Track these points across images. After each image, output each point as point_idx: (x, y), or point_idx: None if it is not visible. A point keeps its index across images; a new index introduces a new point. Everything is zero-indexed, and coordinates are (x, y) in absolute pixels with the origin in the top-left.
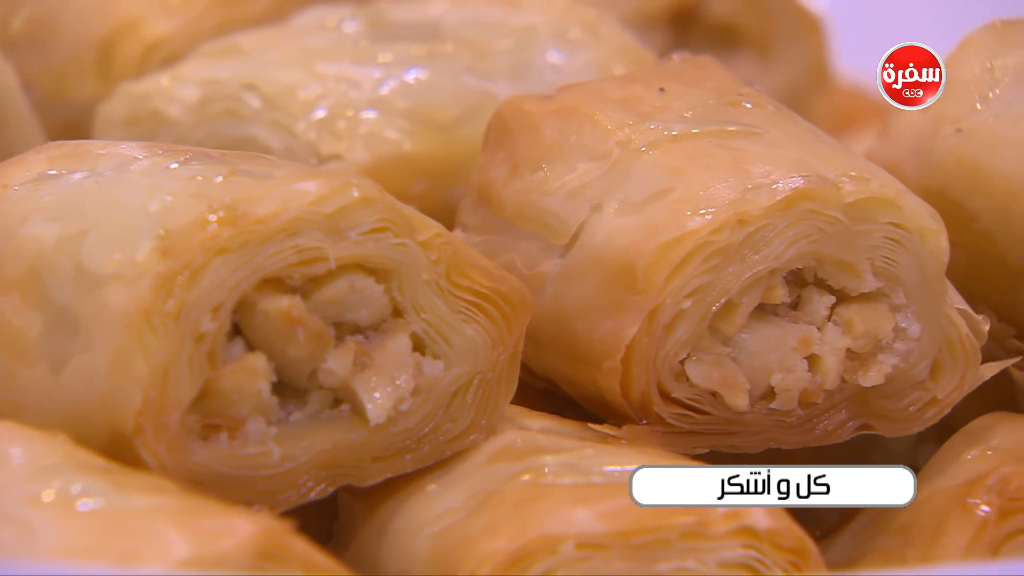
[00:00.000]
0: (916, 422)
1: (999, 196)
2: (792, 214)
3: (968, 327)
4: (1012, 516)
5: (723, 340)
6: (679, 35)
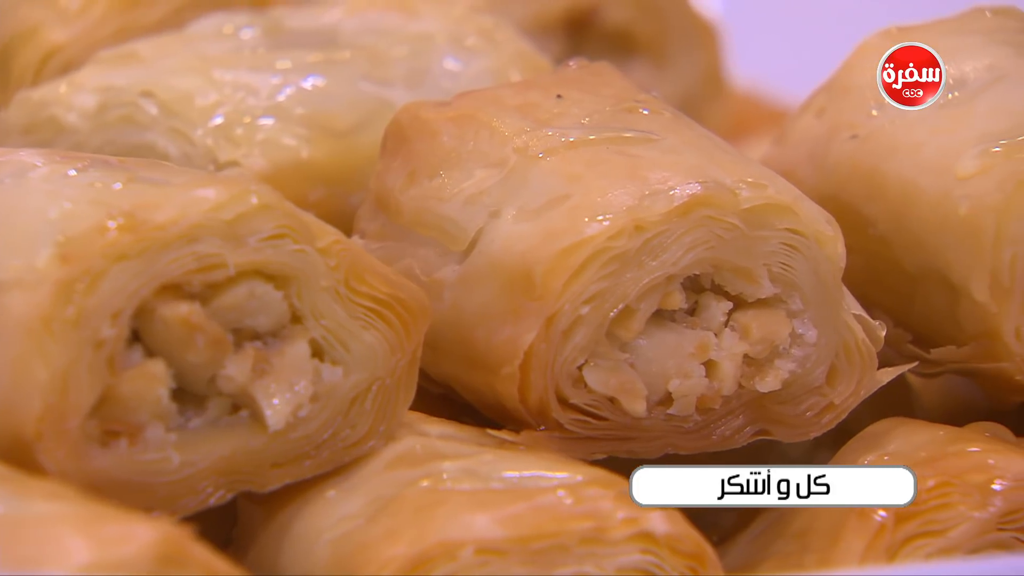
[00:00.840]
0: (813, 427)
1: (895, 201)
2: (689, 220)
3: (865, 332)
4: (909, 521)
5: (621, 346)
6: (575, 42)
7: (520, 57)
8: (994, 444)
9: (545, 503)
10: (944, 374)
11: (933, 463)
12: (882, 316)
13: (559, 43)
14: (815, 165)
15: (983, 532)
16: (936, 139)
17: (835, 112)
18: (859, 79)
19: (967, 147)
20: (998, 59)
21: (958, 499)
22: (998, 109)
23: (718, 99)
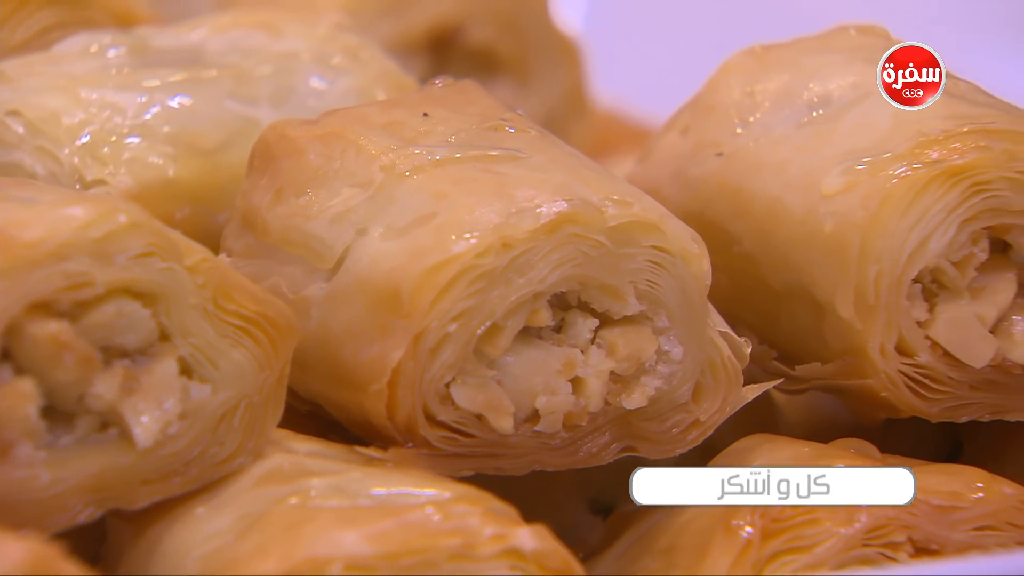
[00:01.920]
0: (679, 444)
1: (760, 219)
2: (556, 238)
3: (730, 349)
4: (775, 538)
5: (488, 363)
6: (439, 61)
7: (385, 76)
8: (859, 460)
9: (413, 520)
10: (809, 391)
11: None
12: (747, 333)
13: (423, 62)
14: (680, 183)
15: (849, 548)
16: (801, 157)
17: (700, 130)
18: (723, 97)
19: (832, 165)
20: (862, 77)
21: (824, 515)
22: (862, 127)
23: (581, 117)
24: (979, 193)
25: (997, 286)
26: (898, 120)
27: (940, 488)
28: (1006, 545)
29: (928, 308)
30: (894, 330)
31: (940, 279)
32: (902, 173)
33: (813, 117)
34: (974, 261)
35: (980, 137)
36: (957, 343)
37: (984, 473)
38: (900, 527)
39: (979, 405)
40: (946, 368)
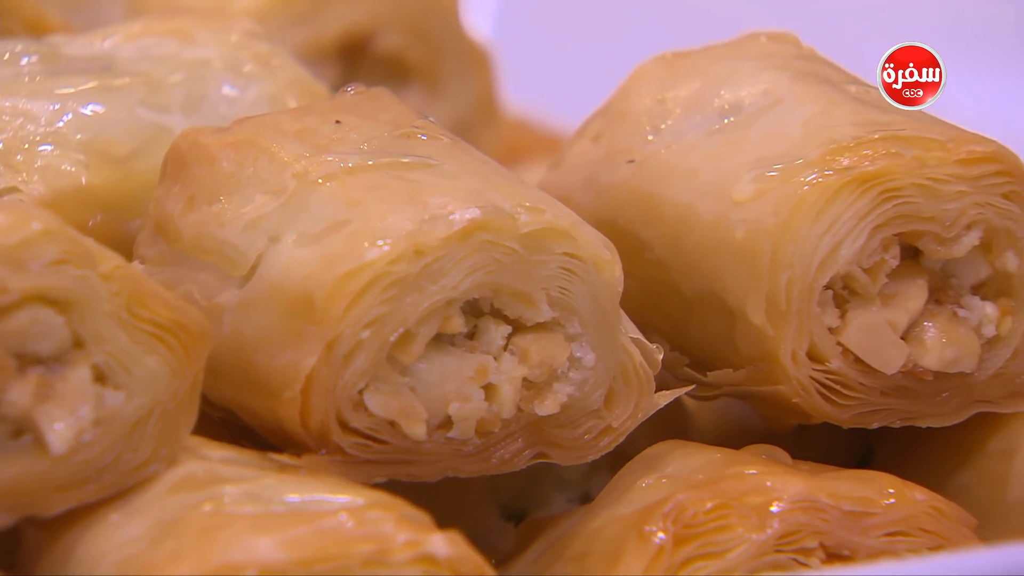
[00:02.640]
0: (591, 450)
1: (671, 225)
2: (469, 245)
3: (642, 356)
4: (688, 543)
5: (401, 370)
6: (349, 68)
7: (297, 83)
8: (771, 466)
9: (327, 526)
10: (720, 397)
11: (711, 485)
12: (659, 339)
13: (334, 69)
14: (592, 190)
15: (761, 554)
16: (712, 164)
17: (611, 137)
18: (635, 105)
19: (743, 171)
20: (773, 84)
21: (736, 521)
22: (773, 134)
23: (492, 125)
24: (890, 200)
25: (908, 292)
26: (809, 127)
27: (852, 494)
28: (917, 551)
29: (839, 314)
30: (805, 336)
31: (851, 285)
32: (813, 180)
33: (724, 124)
34: (885, 267)
35: (891, 144)
36: (868, 349)
37: (895, 479)
38: (812, 533)
39: (890, 411)
40: (857, 374)
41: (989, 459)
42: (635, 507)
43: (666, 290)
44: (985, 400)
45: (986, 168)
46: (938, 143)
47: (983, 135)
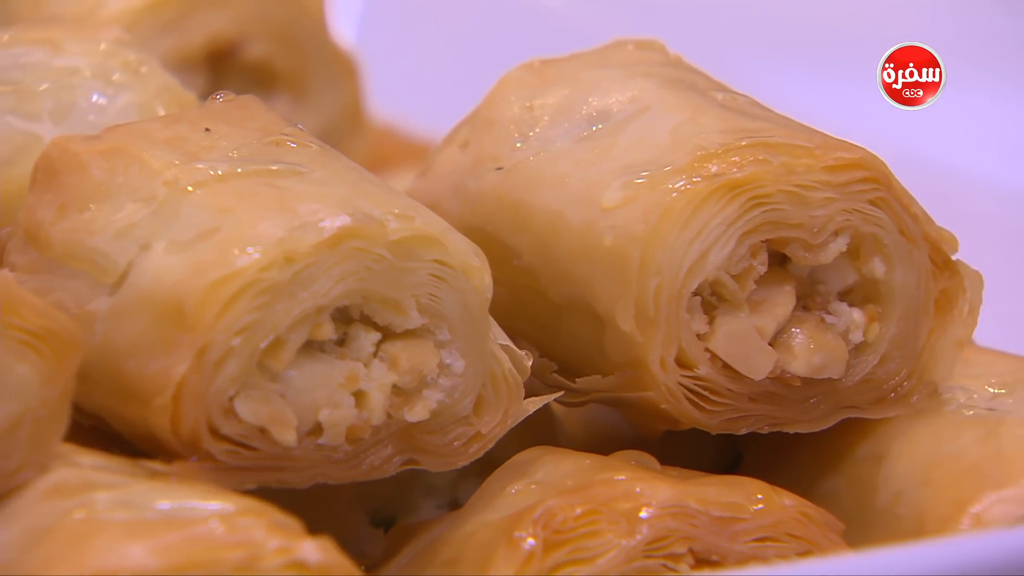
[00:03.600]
0: (460, 456)
1: (540, 233)
2: (339, 252)
3: (511, 362)
4: (557, 549)
5: (271, 377)
6: (217, 76)
7: (165, 91)
8: (640, 472)
9: (198, 533)
10: (589, 403)
11: (580, 491)
12: (528, 346)
13: (202, 78)
14: (460, 197)
15: (630, 559)
16: (581, 171)
17: (479, 145)
18: (502, 112)
19: (611, 178)
20: (641, 91)
21: (605, 527)
22: (641, 141)
23: (358, 132)
24: (758, 206)
25: (776, 299)
26: (677, 134)
27: (721, 500)
28: (786, 556)
29: (708, 321)
30: (674, 343)
31: (720, 292)
32: (682, 187)
33: (592, 131)
34: (753, 274)
35: (759, 151)
36: (736, 355)
37: (764, 485)
38: (681, 538)
39: (758, 417)
40: (725, 380)
41: (857, 464)
42: (505, 513)
43: (535, 297)
44: (853, 406)
45: (853, 175)
46: (806, 150)
47: (850, 142)
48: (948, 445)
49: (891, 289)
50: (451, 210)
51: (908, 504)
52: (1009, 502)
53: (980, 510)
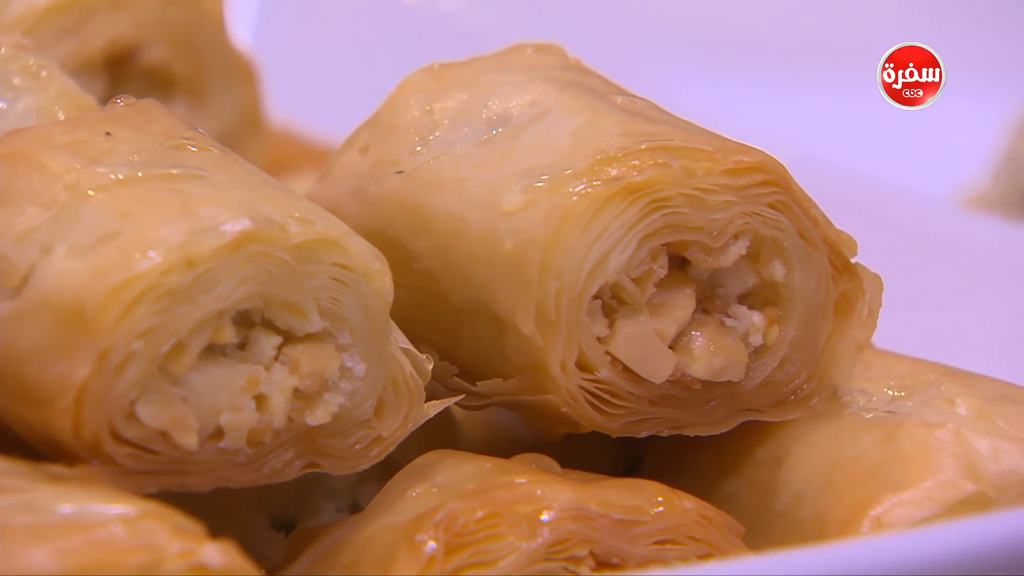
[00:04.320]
0: (361, 460)
1: (441, 236)
2: (240, 256)
3: (412, 366)
4: (459, 552)
5: (173, 380)
6: (116, 81)
7: (65, 95)
8: (541, 475)
9: (101, 536)
10: (489, 406)
11: (481, 495)
12: (429, 350)
13: (101, 82)
14: (361, 201)
15: (532, 562)
16: (481, 174)
17: (379, 148)
18: (403, 116)
19: (512, 182)
20: (540, 95)
21: (507, 530)
22: (541, 144)
23: (257, 136)
24: (658, 210)
25: (676, 302)
26: (577, 138)
27: (621, 503)
28: (686, 559)
29: (608, 324)
30: (574, 346)
31: (620, 295)
32: (582, 190)
33: (493, 135)
34: (653, 277)
35: (659, 154)
36: (637, 358)
37: (664, 488)
38: (582, 541)
39: (659, 420)
40: (626, 383)
41: (757, 467)
42: (406, 516)
43: (436, 300)
44: (753, 409)
45: (753, 178)
46: (705, 153)
47: (750, 145)
48: (848, 448)
49: (791, 292)
50: (351, 214)
51: (808, 507)
52: (909, 505)
53: (880, 512)
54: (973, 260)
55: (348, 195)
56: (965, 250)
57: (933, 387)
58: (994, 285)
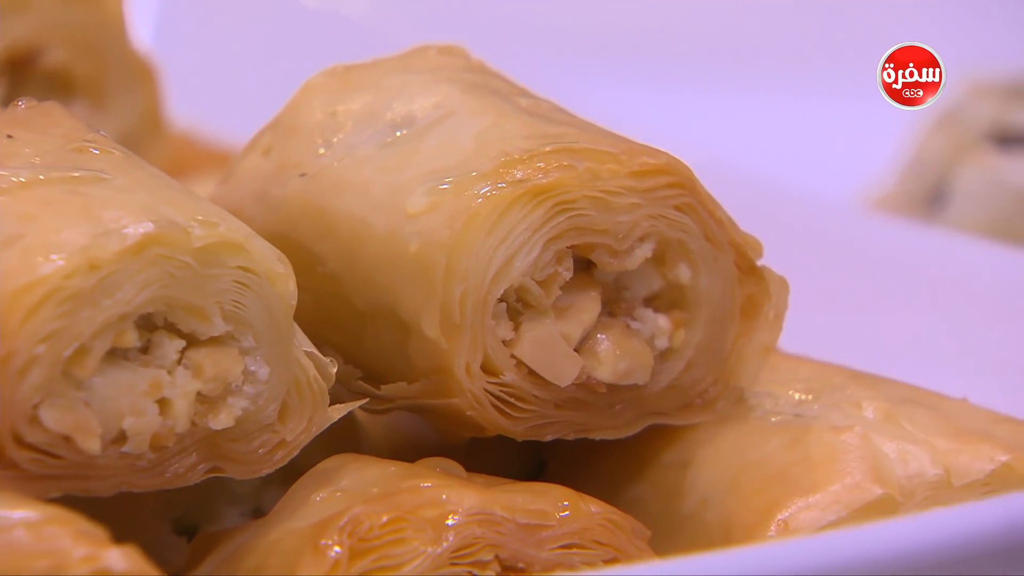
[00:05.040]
0: (265, 464)
1: (345, 239)
2: (142, 259)
3: (316, 369)
4: (364, 556)
5: (76, 385)
6: (16, 83)
7: None
8: (446, 479)
9: (4, 541)
10: (394, 410)
11: (386, 499)
12: (333, 353)
13: (2, 85)
14: (264, 204)
15: (437, 567)
16: (385, 177)
17: (282, 151)
18: (306, 118)
19: (416, 184)
20: (444, 97)
21: (412, 534)
22: (446, 146)
23: (158, 138)
24: (563, 212)
25: (581, 305)
26: (481, 140)
27: (527, 507)
28: (592, 563)
29: (513, 327)
30: (479, 349)
31: (525, 298)
32: (487, 192)
33: (397, 137)
34: (559, 280)
35: (564, 156)
36: (542, 362)
37: (570, 491)
38: (487, 546)
39: (564, 423)
40: (531, 387)
41: (663, 471)
42: (310, 521)
43: (340, 304)
44: (659, 412)
45: (659, 180)
46: (611, 155)
47: (655, 147)
48: (754, 451)
49: (697, 295)
50: (254, 216)
51: (715, 510)
52: (816, 508)
53: (787, 516)
54: (879, 262)
55: (251, 198)
56: (871, 252)
57: (840, 390)
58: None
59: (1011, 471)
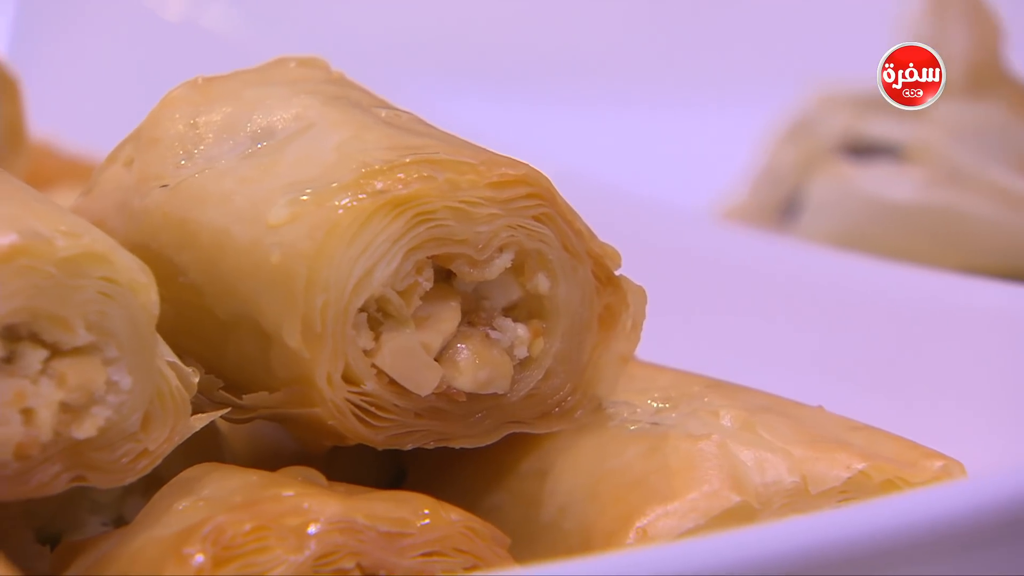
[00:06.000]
0: (128, 473)
1: (206, 250)
2: (8, 270)
3: (178, 379)
4: (227, 564)
5: None
6: None
7: None
8: (308, 488)
9: None
10: (255, 419)
11: (249, 507)
12: (195, 363)
13: None
14: (126, 215)
15: (300, 575)
16: (246, 188)
17: (143, 163)
18: (167, 130)
19: (278, 195)
20: (304, 109)
21: (274, 542)
22: (306, 158)
23: (19, 151)
24: (424, 223)
25: (441, 315)
26: (342, 151)
27: (388, 515)
28: (453, 570)
29: (374, 337)
30: (340, 359)
31: (386, 308)
32: (347, 203)
33: (257, 149)
34: (419, 290)
35: (424, 167)
36: (402, 371)
37: (431, 500)
38: (349, 554)
39: (425, 432)
40: (392, 396)
41: (522, 479)
42: (173, 529)
43: (201, 314)
44: (518, 420)
45: (518, 191)
46: (470, 166)
47: (514, 159)
48: (612, 460)
49: (555, 305)
50: (116, 228)
51: (574, 518)
52: (674, 516)
53: (646, 524)
54: (734, 272)
55: (112, 209)
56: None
57: (697, 399)
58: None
59: (867, 479)
